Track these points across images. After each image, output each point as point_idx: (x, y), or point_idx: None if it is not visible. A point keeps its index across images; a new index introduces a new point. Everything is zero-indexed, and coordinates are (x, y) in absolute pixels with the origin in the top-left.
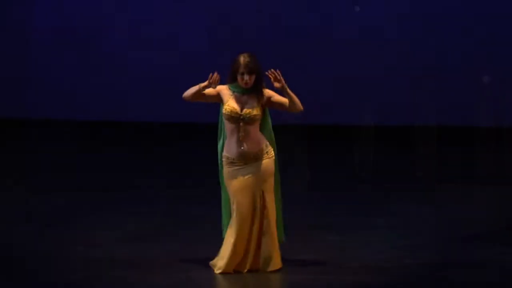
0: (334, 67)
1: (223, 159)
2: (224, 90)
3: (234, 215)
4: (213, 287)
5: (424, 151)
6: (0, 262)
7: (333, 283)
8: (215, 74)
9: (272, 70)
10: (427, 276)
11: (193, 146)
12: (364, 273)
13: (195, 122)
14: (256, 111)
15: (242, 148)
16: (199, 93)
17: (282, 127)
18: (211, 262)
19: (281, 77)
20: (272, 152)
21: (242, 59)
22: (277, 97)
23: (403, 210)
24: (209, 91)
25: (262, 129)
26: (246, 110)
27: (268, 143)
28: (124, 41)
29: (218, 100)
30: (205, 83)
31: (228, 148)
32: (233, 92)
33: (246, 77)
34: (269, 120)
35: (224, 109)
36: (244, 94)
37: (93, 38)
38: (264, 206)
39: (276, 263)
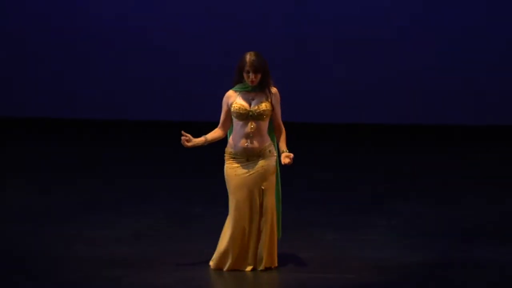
0: (335, 66)
1: (226, 155)
2: (230, 95)
3: (231, 211)
4: (213, 286)
5: (424, 150)
6: (0, 260)
7: (333, 282)
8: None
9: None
10: (427, 275)
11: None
12: (364, 272)
13: (195, 121)
14: (264, 106)
15: (247, 144)
16: (211, 139)
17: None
18: (212, 262)
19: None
20: (275, 151)
21: (248, 57)
22: (276, 111)
23: (403, 210)
24: (224, 113)
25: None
26: (254, 106)
27: (271, 142)
28: (124, 39)
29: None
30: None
31: (233, 143)
32: (239, 92)
33: (251, 75)
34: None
35: (232, 108)
36: (251, 91)
37: (93, 38)
38: (261, 204)
39: (268, 261)
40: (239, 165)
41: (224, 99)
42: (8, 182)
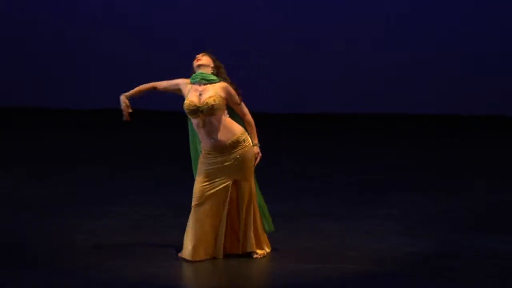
0: (335, 64)
1: (202, 150)
2: (187, 84)
3: (199, 200)
4: (212, 276)
5: (422, 141)
6: (0, 250)
7: (332, 272)
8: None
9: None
10: (426, 266)
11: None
12: (363, 262)
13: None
14: (213, 101)
15: (212, 140)
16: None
17: (283, 115)
18: (184, 253)
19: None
20: (249, 140)
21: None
22: (243, 108)
23: (402, 200)
24: (171, 84)
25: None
26: (203, 101)
27: (245, 131)
28: (125, 38)
29: (178, 92)
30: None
31: (202, 141)
32: (193, 84)
33: (199, 55)
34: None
35: (184, 105)
36: (202, 84)
37: (94, 34)
38: (235, 195)
39: (247, 245)
40: (213, 158)
41: (184, 81)
42: (8, 170)
